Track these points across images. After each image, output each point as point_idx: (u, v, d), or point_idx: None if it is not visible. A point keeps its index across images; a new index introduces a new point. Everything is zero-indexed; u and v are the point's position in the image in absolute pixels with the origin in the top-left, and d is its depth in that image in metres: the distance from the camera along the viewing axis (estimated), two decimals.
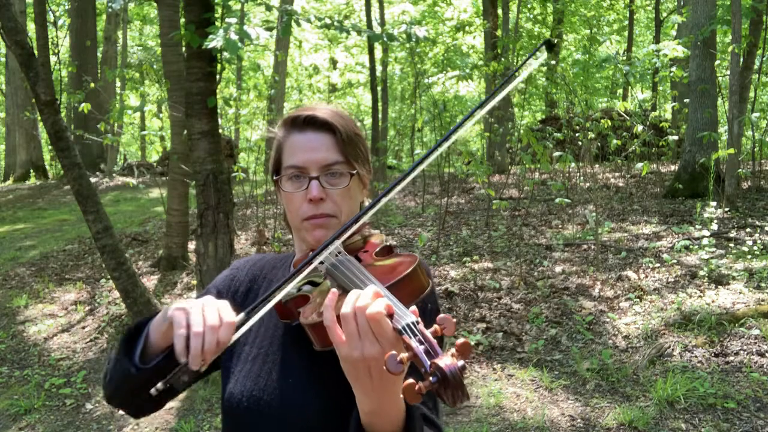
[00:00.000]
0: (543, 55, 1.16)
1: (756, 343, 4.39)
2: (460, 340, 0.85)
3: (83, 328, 5.93)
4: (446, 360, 0.82)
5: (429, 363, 0.83)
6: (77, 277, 7.34)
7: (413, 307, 0.94)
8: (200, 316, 1.02)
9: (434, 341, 0.86)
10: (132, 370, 1.13)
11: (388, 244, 1.23)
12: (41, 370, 5.18)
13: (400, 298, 0.98)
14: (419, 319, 0.91)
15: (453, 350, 0.84)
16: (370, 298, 0.93)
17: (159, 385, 0.99)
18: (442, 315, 0.89)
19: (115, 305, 6.18)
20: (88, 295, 6.69)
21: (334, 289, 1.02)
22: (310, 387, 1.15)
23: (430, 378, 0.82)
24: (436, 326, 0.88)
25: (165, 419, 4.25)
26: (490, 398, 4.11)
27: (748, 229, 6.78)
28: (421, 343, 0.86)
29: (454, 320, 0.90)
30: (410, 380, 0.82)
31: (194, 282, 6.37)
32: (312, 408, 1.14)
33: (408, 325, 0.89)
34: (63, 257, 8.25)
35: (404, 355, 0.85)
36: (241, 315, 1.05)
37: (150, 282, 6.86)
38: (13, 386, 4.97)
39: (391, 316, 0.92)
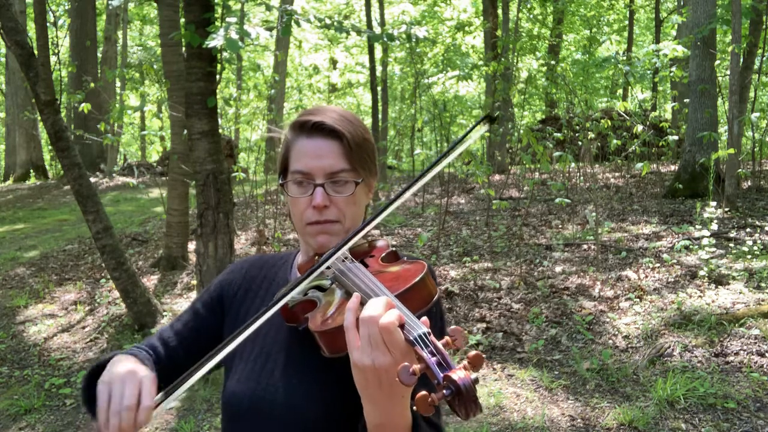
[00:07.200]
0: (485, 128, 1.18)
1: (756, 343, 4.39)
2: (473, 353, 0.85)
3: (83, 328, 5.93)
4: (460, 373, 0.82)
5: (442, 375, 0.82)
6: (77, 277, 7.34)
7: (424, 318, 0.93)
8: (119, 396, 1.05)
9: (446, 353, 0.86)
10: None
11: (393, 249, 1.23)
12: (41, 370, 5.18)
13: (409, 307, 0.97)
14: (430, 330, 0.90)
15: (465, 362, 0.84)
16: (382, 308, 0.93)
17: None
18: (453, 327, 0.89)
19: (115, 305, 6.18)
20: (88, 295, 6.69)
21: (357, 293, 1.02)
22: (314, 390, 1.15)
23: (444, 391, 0.81)
24: (447, 338, 0.88)
25: (165, 419, 4.25)
26: (490, 398, 4.12)
27: (748, 229, 6.78)
28: (433, 354, 0.86)
29: (465, 332, 0.90)
30: (423, 392, 0.82)
31: (194, 282, 6.38)
32: (313, 411, 1.13)
33: (420, 336, 0.89)
34: (63, 257, 8.25)
35: (417, 366, 0.84)
36: (161, 395, 1.07)
37: (150, 282, 6.86)
38: (13, 386, 4.97)
39: (402, 326, 0.91)
